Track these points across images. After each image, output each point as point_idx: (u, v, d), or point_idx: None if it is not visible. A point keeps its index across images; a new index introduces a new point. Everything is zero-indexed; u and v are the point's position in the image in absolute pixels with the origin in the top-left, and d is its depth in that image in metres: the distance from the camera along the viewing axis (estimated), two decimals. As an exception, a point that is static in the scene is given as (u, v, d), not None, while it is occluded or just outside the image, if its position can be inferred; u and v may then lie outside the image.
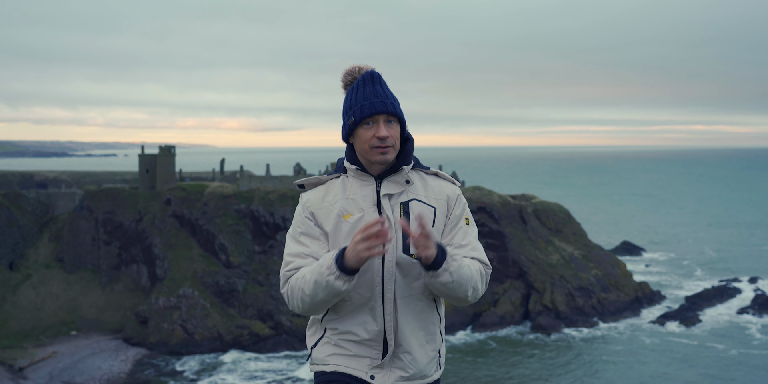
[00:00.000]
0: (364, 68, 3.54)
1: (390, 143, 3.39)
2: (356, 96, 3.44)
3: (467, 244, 3.48)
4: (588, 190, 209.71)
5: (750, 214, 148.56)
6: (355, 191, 3.48)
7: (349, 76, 3.55)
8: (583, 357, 56.43)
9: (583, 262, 71.49)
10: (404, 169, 3.49)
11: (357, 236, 3.12)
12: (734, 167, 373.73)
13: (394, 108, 3.41)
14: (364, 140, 3.42)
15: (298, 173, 79.78)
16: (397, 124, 3.45)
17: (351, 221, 3.41)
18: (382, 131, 3.36)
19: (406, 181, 3.49)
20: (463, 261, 3.29)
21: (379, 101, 3.38)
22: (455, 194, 3.57)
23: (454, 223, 3.53)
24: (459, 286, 3.28)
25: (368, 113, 3.37)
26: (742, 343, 59.25)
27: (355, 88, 3.46)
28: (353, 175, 3.52)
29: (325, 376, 3.50)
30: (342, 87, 3.59)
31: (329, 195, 3.53)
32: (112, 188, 73.61)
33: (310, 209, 3.51)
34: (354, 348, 3.46)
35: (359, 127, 3.43)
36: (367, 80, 3.45)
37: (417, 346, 3.45)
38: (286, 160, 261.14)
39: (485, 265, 3.49)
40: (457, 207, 3.55)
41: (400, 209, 3.44)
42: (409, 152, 3.54)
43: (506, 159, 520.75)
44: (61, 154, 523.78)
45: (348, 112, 3.46)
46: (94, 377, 53.26)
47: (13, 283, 66.42)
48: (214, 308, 62.07)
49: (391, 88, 3.52)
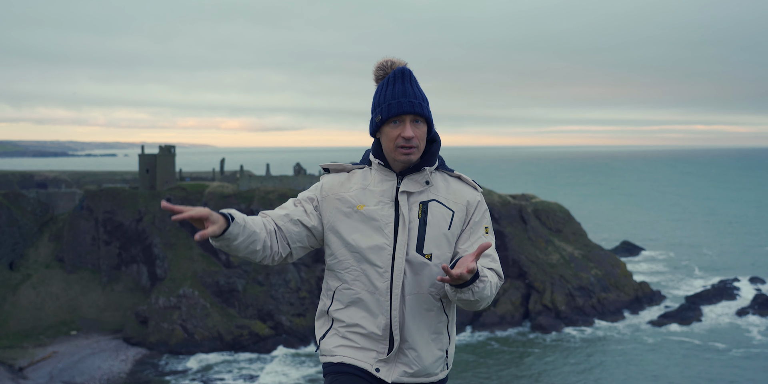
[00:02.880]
0: (396, 63, 3.53)
1: (415, 144, 3.39)
2: (385, 93, 3.43)
3: (489, 255, 3.46)
4: (588, 190, 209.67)
5: (750, 214, 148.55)
6: (376, 184, 3.50)
7: (381, 70, 3.54)
8: (583, 357, 56.44)
9: (583, 261, 71.51)
10: (426, 169, 3.48)
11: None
12: (734, 167, 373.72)
13: (422, 108, 3.39)
14: (390, 138, 3.41)
15: (298, 173, 79.76)
16: (424, 124, 3.44)
17: (364, 212, 3.43)
18: (407, 131, 3.36)
19: (426, 182, 3.48)
20: (489, 284, 3.27)
21: (407, 101, 3.37)
22: (476, 200, 3.55)
23: (473, 229, 3.51)
24: (476, 303, 3.31)
25: (395, 112, 3.37)
26: (743, 343, 59.27)
27: (385, 84, 3.45)
28: (376, 169, 3.53)
29: (332, 366, 3.53)
30: (374, 80, 3.58)
31: (349, 182, 3.55)
32: (112, 188, 73.61)
33: (324, 193, 3.54)
34: (361, 340, 3.47)
35: (386, 124, 3.43)
36: (398, 77, 3.43)
37: (422, 344, 3.46)
38: (286, 160, 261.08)
39: (500, 277, 3.48)
40: (477, 213, 3.53)
41: (419, 209, 3.44)
42: (434, 153, 3.53)
43: (506, 159, 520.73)
44: (61, 154, 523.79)
45: (376, 109, 3.46)
46: (94, 377, 53.27)
47: (13, 283, 66.43)
48: (214, 308, 62.09)
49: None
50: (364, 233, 3.41)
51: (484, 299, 3.29)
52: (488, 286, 3.27)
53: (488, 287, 3.27)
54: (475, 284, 3.20)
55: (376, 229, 3.40)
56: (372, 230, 3.41)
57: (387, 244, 3.38)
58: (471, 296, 3.23)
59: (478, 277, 3.20)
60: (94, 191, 71.57)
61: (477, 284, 3.20)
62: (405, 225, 3.38)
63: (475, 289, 3.21)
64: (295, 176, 75.72)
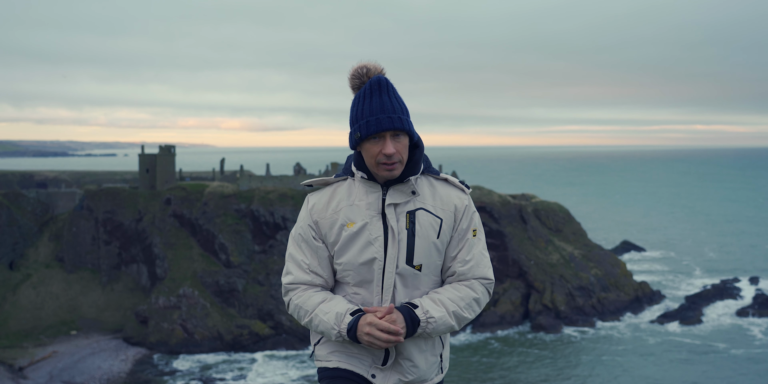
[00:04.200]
0: (372, 69, 3.43)
1: (397, 159, 3.34)
2: (362, 108, 3.35)
3: (470, 260, 3.46)
4: (588, 190, 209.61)
5: (750, 214, 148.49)
6: (361, 197, 3.46)
7: (357, 79, 3.43)
8: (583, 357, 56.41)
9: (583, 261, 71.48)
10: (411, 179, 3.44)
11: (366, 327, 3.24)
12: (734, 166, 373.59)
13: (402, 122, 3.32)
14: (371, 155, 3.36)
15: (298, 173, 79.76)
16: (404, 136, 3.38)
17: (353, 230, 3.40)
18: (388, 148, 3.31)
19: (412, 192, 3.44)
20: (441, 320, 3.33)
21: (385, 117, 3.29)
22: (463, 205, 3.51)
23: (461, 235, 3.49)
24: (442, 335, 3.44)
25: (374, 130, 3.30)
26: (743, 343, 59.21)
27: (362, 97, 3.37)
28: (360, 181, 3.49)
29: (328, 371, 3.54)
30: (350, 88, 3.48)
31: (334, 200, 3.51)
32: (112, 188, 73.57)
33: (315, 217, 3.51)
34: (355, 348, 3.48)
35: (366, 141, 3.37)
36: (375, 89, 3.34)
37: (417, 353, 3.46)
38: (286, 160, 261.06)
39: (485, 280, 3.49)
40: (464, 219, 3.50)
41: (406, 219, 3.41)
42: (418, 161, 3.48)
43: (506, 159, 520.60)
44: (61, 154, 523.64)
45: (354, 125, 3.38)
46: (94, 377, 53.25)
47: (13, 282, 66.41)
48: (214, 308, 62.07)
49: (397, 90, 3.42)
50: (356, 251, 3.40)
51: (446, 330, 3.37)
52: (442, 322, 3.32)
53: (443, 322, 3.32)
54: (422, 328, 3.31)
55: (366, 245, 3.39)
56: (362, 246, 3.39)
57: (378, 260, 3.37)
58: (428, 336, 3.37)
59: (419, 325, 3.29)
60: (94, 191, 71.54)
61: (425, 327, 3.30)
62: (394, 237, 3.36)
63: (427, 330, 3.32)
64: (295, 176, 75.74)
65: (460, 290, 3.41)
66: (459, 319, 3.37)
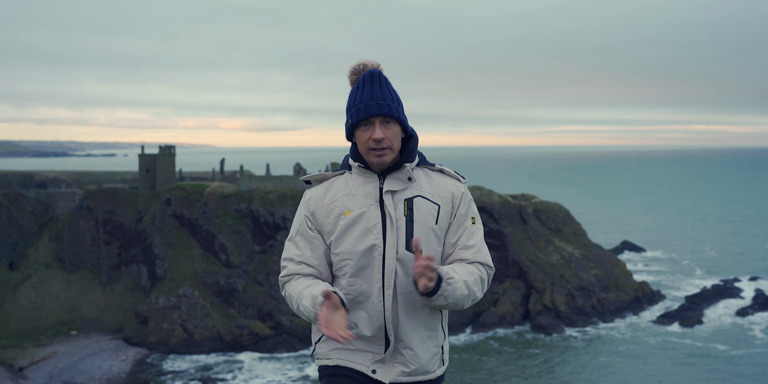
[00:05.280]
0: (369, 65, 3.54)
1: (386, 145, 3.40)
2: (355, 97, 3.45)
3: (473, 246, 3.50)
4: (588, 190, 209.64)
5: (750, 214, 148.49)
6: (358, 187, 3.51)
7: (354, 74, 3.56)
8: (583, 357, 56.41)
9: (583, 261, 71.47)
10: (406, 166, 3.49)
11: (323, 320, 3.19)
12: (734, 167, 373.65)
13: (390, 109, 3.39)
14: (362, 141, 3.45)
15: (298, 173, 79.80)
16: (395, 124, 3.44)
17: (351, 218, 3.44)
18: (377, 133, 3.38)
19: (408, 179, 3.49)
20: (458, 283, 3.30)
21: (374, 103, 3.38)
22: (460, 192, 3.56)
23: (460, 222, 3.53)
24: (454, 306, 3.37)
25: (363, 116, 3.38)
26: (743, 343, 59.21)
27: (356, 88, 3.47)
28: (357, 172, 3.54)
29: (328, 370, 3.57)
30: (349, 84, 3.60)
31: (331, 191, 3.56)
32: (112, 188, 73.59)
33: (311, 208, 3.56)
34: (356, 343, 3.50)
35: (358, 128, 3.45)
36: (367, 81, 3.44)
37: (418, 342, 3.47)
38: (286, 160, 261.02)
39: (488, 267, 3.51)
40: (462, 205, 3.55)
41: (404, 206, 3.44)
42: (412, 149, 3.55)
43: (506, 159, 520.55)
44: (61, 154, 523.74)
45: (347, 114, 3.49)
46: (94, 377, 53.26)
47: (13, 282, 66.41)
48: (214, 308, 62.07)
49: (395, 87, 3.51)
50: (354, 238, 3.43)
51: (461, 301, 3.33)
52: (459, 287, 3.29)
53: (459, 287, 3.29)
54: (442, 288, 3.24)
55: (365, 233, 3.41)
56: (361, 234, 3.42)
57: (377, 246, 3.39)
58: (444, 301, 3.29)
59: (443, 281, 3.24)
60: (94, 191, 71.55)
61: (444, 287, 3.25)
62: (393, 224, 3.40)
63: (445, 293, 3.25)
64: (295, 176, 75.72)
65: (467, 267, 3.44)
66: (469, 290, 3.36)
